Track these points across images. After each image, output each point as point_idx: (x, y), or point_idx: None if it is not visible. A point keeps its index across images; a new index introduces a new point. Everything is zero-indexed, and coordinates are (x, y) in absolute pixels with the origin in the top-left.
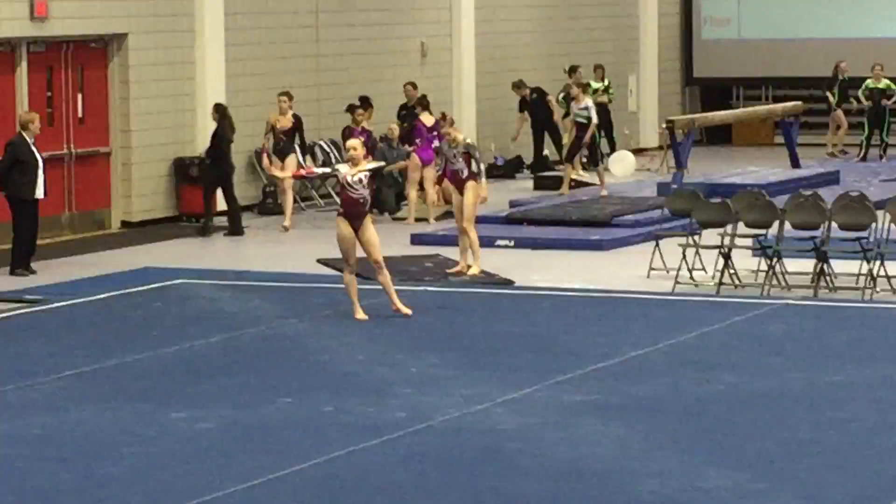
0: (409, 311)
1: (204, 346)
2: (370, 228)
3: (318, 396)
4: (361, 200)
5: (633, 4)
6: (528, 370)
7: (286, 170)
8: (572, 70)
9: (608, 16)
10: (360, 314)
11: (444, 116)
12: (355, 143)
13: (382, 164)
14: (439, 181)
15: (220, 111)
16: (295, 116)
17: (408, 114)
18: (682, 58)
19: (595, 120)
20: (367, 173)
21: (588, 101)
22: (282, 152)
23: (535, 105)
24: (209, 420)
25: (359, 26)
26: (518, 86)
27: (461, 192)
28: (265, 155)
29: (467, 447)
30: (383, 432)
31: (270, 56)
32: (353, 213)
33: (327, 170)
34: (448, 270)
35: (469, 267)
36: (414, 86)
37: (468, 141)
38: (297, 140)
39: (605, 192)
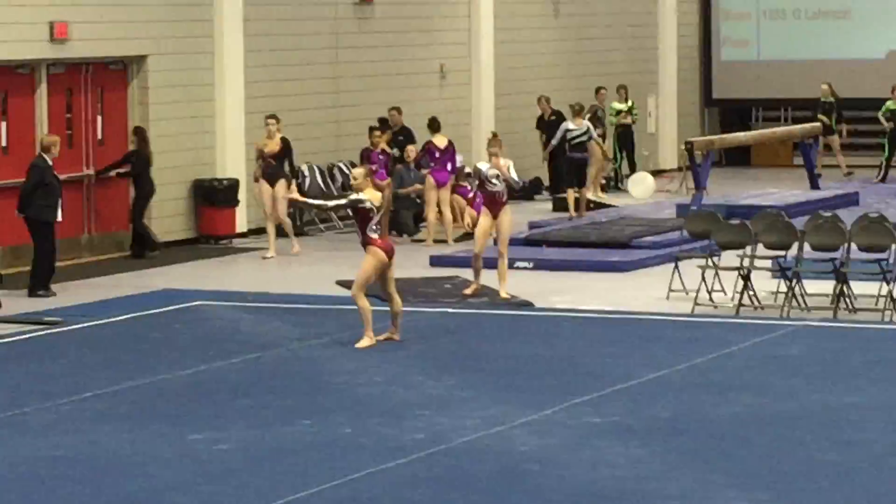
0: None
1: (222, 367)
2: (364, 261)
3: (336, 418)
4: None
5: (652, 26)
6: (547, 391)
7: (276, 194)
8: (598, 91)
9: (627, 37)
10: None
11: (494, 136)
12: (357, 172)
13: (359, 199)
14: (470, 203)
15: (140, 134)
16: (283, 140)
17: (403, 139)
18: (701, 79)
19: (595, 136)
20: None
21: (586, 123)
22: (271, 177)
23: (551, 127)
24: (227, 441)
25: (378, 48)
26: (547, 100)
27: (494, 216)
28: (255, 183)
29: (486, 469)
30: (402, 454)
31: (289, 78)
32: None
33: (344, 202)
34: (465, 291)
35: (481, 287)
36: (399, 111)
37: (510, 163)
38: (286, 165)
39: (577, 216)
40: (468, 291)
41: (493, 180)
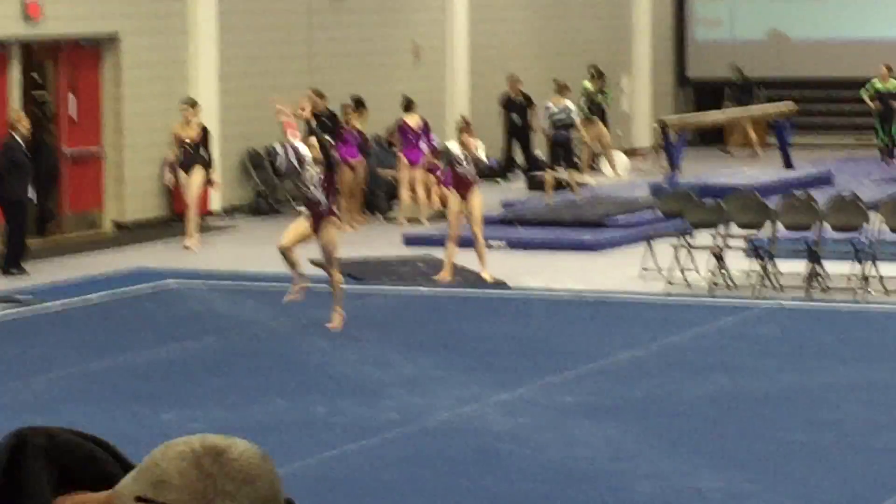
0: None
1: (196, 347)
2: (327, 232)
3: (310, 397)
4: (315, 202)
5: (625, 5)
6: (521, 371)
7: (191, 183)
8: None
9: (601, 17)
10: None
11: (465, 122)
12: (315, 141)
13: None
14: (439, 181)
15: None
16: (202, 126)
17: (319, 125)
18: (674, 58)
19: (577, 121)
20: (322, 174)
21: (567, 103)
22: (187, 164)
23: (517, 107)
24: (201, 421)
25: (352, 27)
26: (516, 80)
27: (464, 197)
28: (167, 168)
29: (459, 448)
30: (376, 433)
31: (263, 56)
32: (312, 214)
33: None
34: (435, 278)
35: (452, 274)
36: (320, 94)
37: (480, 145)
38: (202, 151)
39: (579, 196)
40: (437, 277)
41: (462, 162)
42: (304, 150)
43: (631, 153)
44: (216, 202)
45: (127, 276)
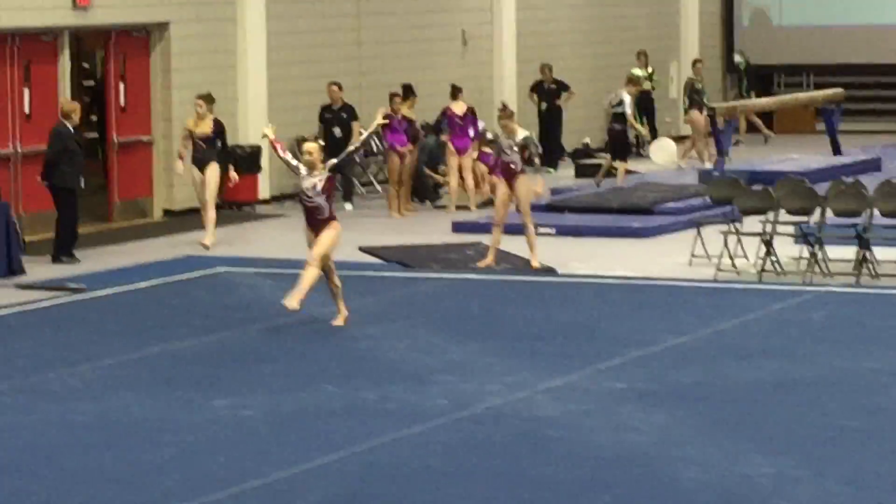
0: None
1: (245, 333)
2: (326, 233)
3: (359, 384)
4: (315, 208)
5: None
6: (570, 357)
7: (207, 180)
8: (694, 64)
9: (649, 3)
10: (294, 302)
11: (504, 108)
12: (311, 146)
13: (334, 162)
14: (491, 170)
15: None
16: (215, 121)
17: (333, 116)
18: (723, 45)
19: (629, 112)
20: (324, 179)
21: (623, 94)
22: (201, 161)
23: (549, 94)
24: (251, 407)
25: (400, 14)
26: (549, 69)
27: (511, 186)
28: (179, 161)
29: (509, 434)
30: (425, 420)
31: (312, 44)
32: (311, 222)
33: (293, 163)
34: (478, 264)
35: (495, 260)
36: (339, 86)
37: (527, 134)
38: (218, 147)
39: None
40: (482, 264)
41: (508, 150)
42: (294, 162)
43: (679, 140)
44: (265, 190)
45: (176, 264)
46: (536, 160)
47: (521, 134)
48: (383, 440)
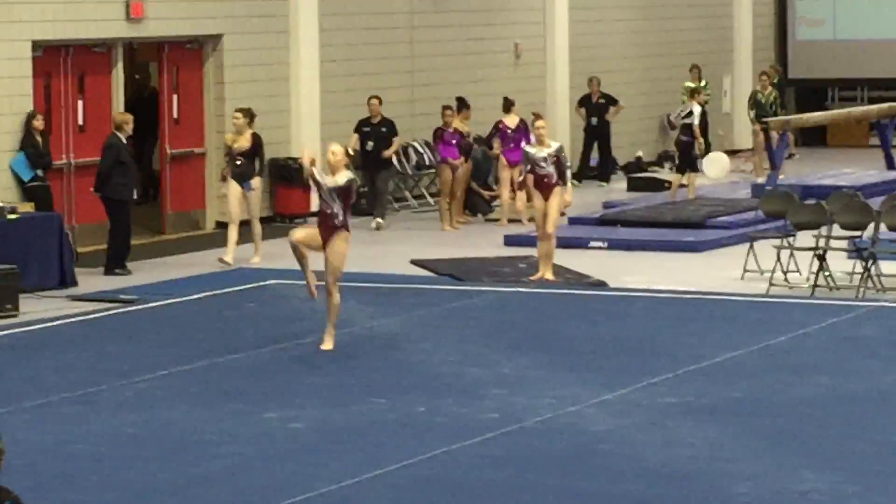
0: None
1: (297, 346)
2: (337, 245)
3: (410, 397)
4: (330, 214)
5: (727, 5)
6: (621, 372)
7: (250, 196)
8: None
9: (703, 16)
10: (330, 345)
11: (537, 117)
12: (337, 149)
13: (353, 178)
14: (521, 185)
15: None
16: (254, 136)
17: (371, 130)
18: (776, 59)
19: (696, 123)
20: (342, 187)
21: (692, 106)
22: (240, 176)
23: (596, 108)
24: (302, 420)
25: (453, 27)
26: (598, 83)
27: (546, 198)
28: (223, 181)
29: (560, 448)
30: (476, 433)
31: (364, 57)
32: (323, 225)
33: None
34: (530, 279)
35: (546, 274)
36: (379, 100)
37: (559, 145)
38: (257, 163)
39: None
40: (533, 277)
41: (542, 163)
42: (322, 179)
43: (733, 154)
44: (317, 203)
45: (228, 276)
46: (568, 172)
47: (554, 145)
48: (434, 453)
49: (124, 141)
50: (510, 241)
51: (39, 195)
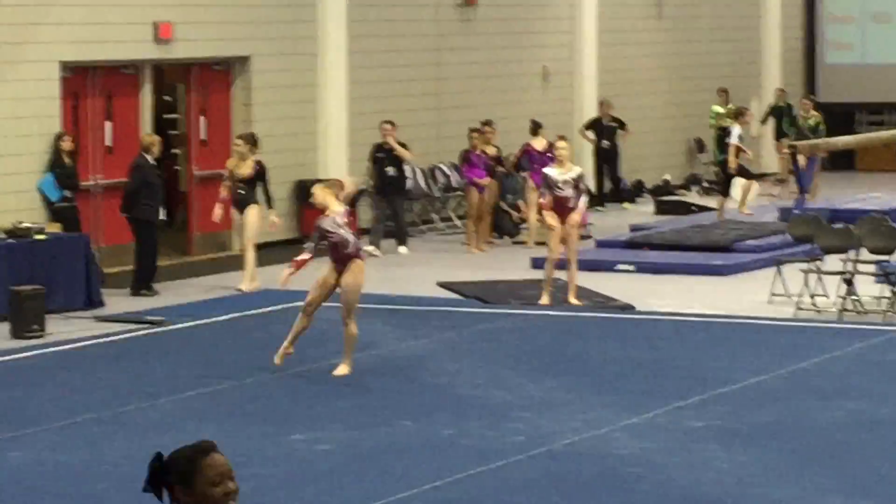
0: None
1: (323, 367)
2: (352, 278)
3: (437, 419)
4: (340, 242)
5: (755, 28)
6: (649, 395)
7: (247, 224)
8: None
9: (731, 39)
10: (346, 369)
11: (561, 139)
12: (315, 189)
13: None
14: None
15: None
16: (257, 163)
17: (386, 156)
18: (804, 82)
19: (734, 142)
20: (344, 213)
21: (732, 127)
22: (241, 203)
23: (606, 131)
24: (328, 442)
25: (481, 49)
26: (608, 105)
27: (563, 221)
28: (218, 205)
29: (587, 471)
30: (503, 456)
31: (392, 79)
32: (336, 257)
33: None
34: (539, 301)
35: (552, 297)
36: (393, 125)
37: (580, 170)
38: (259, 190)
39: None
40: (542, 302)
41: (561, 185)
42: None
43: (760, 177)
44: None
45: (255, 297)
46: (584, 198)
47: (576, 170)
48: (460, 476)
49: (152, 162)
50: (538, 263)
51: (67, 216)
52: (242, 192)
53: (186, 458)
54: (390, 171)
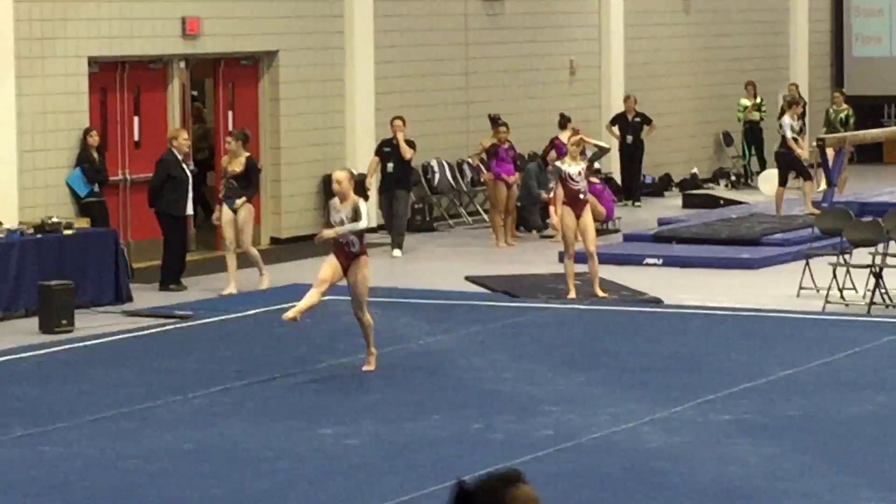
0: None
1: (352, 362)
2: (359, 273)
3: (465, 413)
4: (346, 242)
5: (783, 22)
6: (677, 389)
7: (242, 221)
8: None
9: (758, 33)
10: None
11: (575, 133)
12: (340, 175)
13: (357, 202)
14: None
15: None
16: (248, 159)
17: (392, 151)
18: (832, 75)
19: (789, 135)
20: (351, 214)
21: (784, 119)
22: (231, 199)
23: (632, 127)
24: (357, 436)
25: (508, 44)
26: (634, 101)
27: (578, 215)
28: (217, 205)
29: (615, 465)
30: (531, 450)
31: (419, 73)
32: (341, 255)
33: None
34: (567, 297)
35: (577, 292)
36: (403, 121)
37: (590, 154)
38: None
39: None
40: (570, 296)
41: (575, 178)
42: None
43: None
44: (372, 219)
45: (283, 291)
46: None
47: (588, 152)
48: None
49: (179, 156)
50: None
51: (95, 211)
52: (233, 187)
53: (492, 489)
54: (390, 167)
